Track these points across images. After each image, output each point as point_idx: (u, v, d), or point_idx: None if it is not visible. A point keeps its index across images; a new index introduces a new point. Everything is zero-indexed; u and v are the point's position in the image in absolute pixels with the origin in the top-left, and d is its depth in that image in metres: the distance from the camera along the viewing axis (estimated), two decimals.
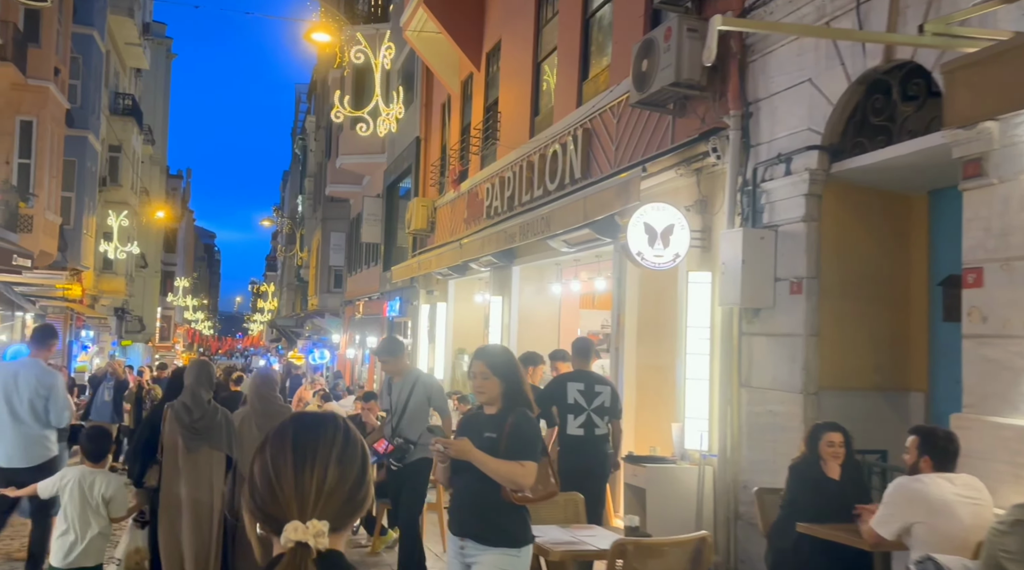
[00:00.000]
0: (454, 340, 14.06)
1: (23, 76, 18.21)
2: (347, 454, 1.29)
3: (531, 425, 3.24)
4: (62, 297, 21.60)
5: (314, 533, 1.19)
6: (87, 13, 23.32)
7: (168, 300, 46.18)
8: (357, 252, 24.33)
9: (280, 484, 1.24)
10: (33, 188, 18.83)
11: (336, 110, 12.57)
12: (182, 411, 4.76)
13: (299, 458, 1.26)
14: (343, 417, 1.40)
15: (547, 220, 7.56)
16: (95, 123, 24.70)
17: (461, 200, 13.13)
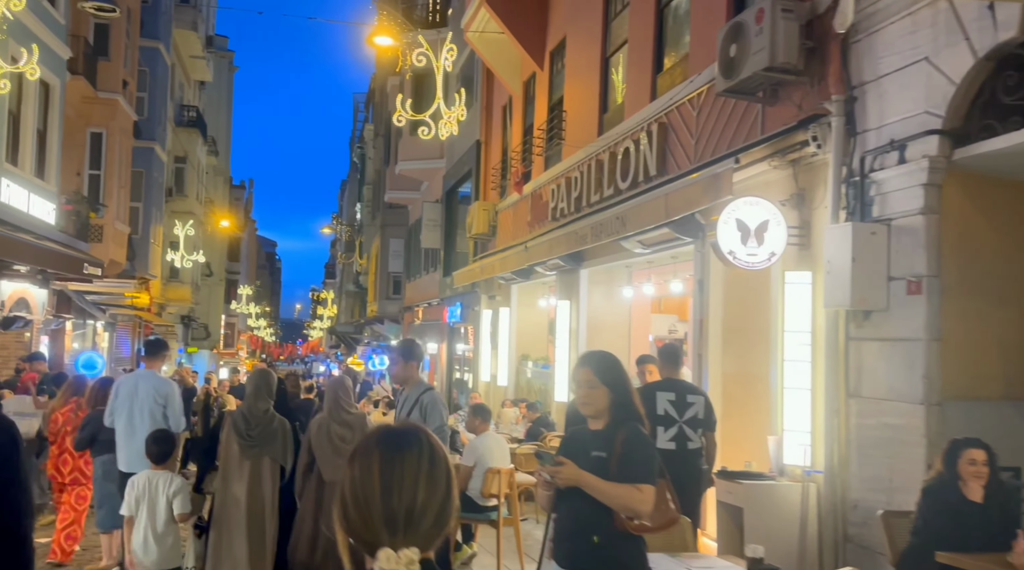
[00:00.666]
0: (517, 346, 13.74)
1: (93, 89, 18.66)
2: (434, 474, 1.26)
3: (645, 442, 2.86)
4: (130, 305, 22.10)
5: (406, 562, 1.17)
6: (153, 27, 23.89)
7: (232, 308, 47.14)
8: (416, 258, 24.26)
9: (369, 509, 1.22)
10: (103, 199, 19.27)
11: (398, 114, 12.37)
12: (239, 420, 4.78)
13: (386, 482, 1.22)
14: (427, 431, 1.34)
15: (622, 220, 7.16)
16: (161, 134, 25.26)
17: (524, 203, 12.81)
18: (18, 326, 13.80)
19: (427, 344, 22.08)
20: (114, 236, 19.64)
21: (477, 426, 6.23)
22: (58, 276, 14.48)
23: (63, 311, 17.55)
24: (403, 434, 1.30)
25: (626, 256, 8.71)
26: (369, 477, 1.23)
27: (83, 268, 13.51)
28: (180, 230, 27.69)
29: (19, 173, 12.65)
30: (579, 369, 2.94)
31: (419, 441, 1.29)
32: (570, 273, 10.47)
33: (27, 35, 12.25)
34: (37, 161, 13.74)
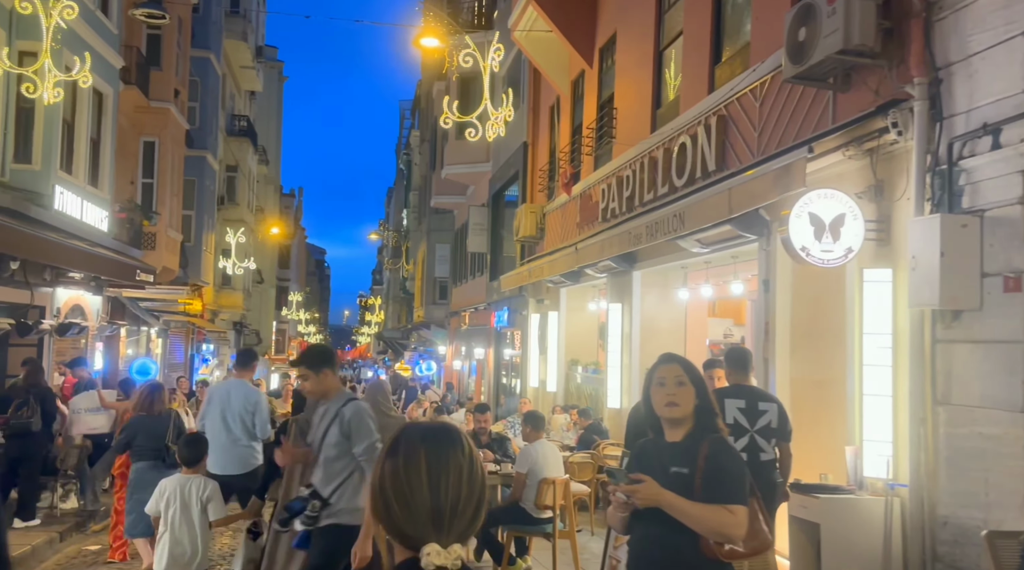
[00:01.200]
0: (567, 351, 13.43)
1: (146, 99, 18.99)
2: (474, 471, 1.29)
3: (734, 456, 2.55)
4: (183, 312, 22.42)
5: (454, 557, 1.21)
6: (204, 37, 24.29)
7: (283, 314, 47.81)
8: (462, 263, 24.14)
9: (416, 503, 1.24)
10: (156, 207, 19.57)
11: (444, 116, 12.20)
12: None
13: (434, 477, 1.25)
14: (461, 430, 1.36)
15: (681, 217, 6.82)
16: (213, 143, 25.65)
17: (573, 204, 12.51)
18: (73, 333, 13.99)
19: (474, 349, 21.92)
20: (167, 243, 19.93)
21: (529, 434, 5.95)
22: (111, 283, 14.68)
23: (117, 318, 17.84)
24: (445, 433, 1.33)
25: (683, 256, 8.35)
26: (417, 473, 1.25)
27: (135, 275, 13.65)
28: (232, 238, 28.11)
29: (73, 181, 12.85)
30: (665, 366, 2.64)
31: (461, 440, 1.33)
32: (622, 275, 10.13)
33: (80, 45, 12.43)
34: (91, 169, 13.95)
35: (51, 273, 13.15)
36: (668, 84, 9.41)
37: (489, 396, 19.62)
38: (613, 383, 10.27)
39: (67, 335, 13.80)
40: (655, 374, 2.67)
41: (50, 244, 10.18)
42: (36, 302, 12.81)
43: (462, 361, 24.39)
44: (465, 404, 15.83)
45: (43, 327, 12.63)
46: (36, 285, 12.70)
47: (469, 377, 23.54)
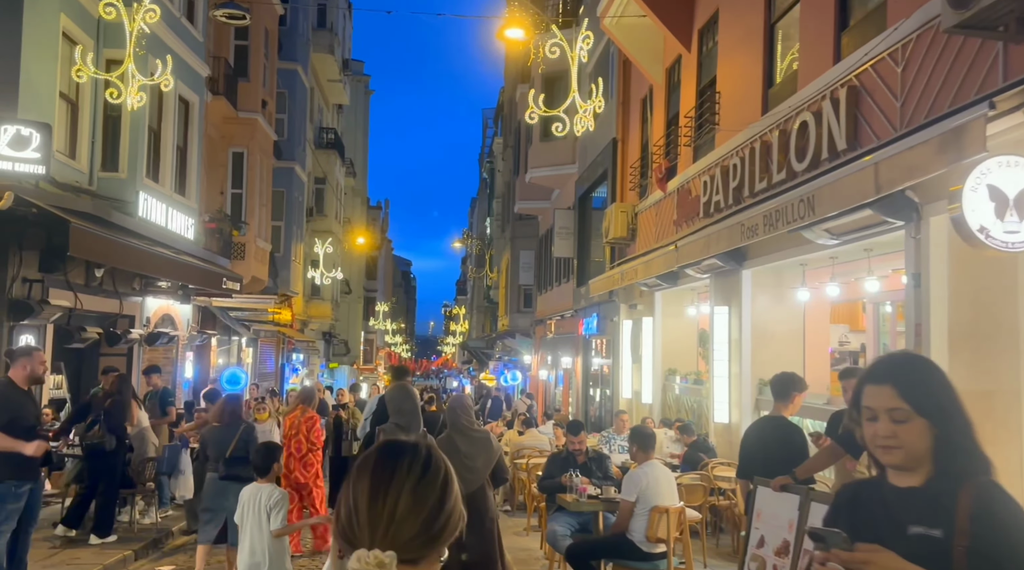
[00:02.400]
0: (663, 359, 12.46)
1: (234, 109, 19.15)
2: (423, 484, 1.26)
3: (1015, 511, 1.67)
4: (273, 321, 22.55)
5: (375, 562, 1.17)
6: (291, 49, 24.55)
7: (370, 324, 48.30)
8: (547, 269, 23.43)
9: (357, 511, 1.25)
10: (245, 217, 19.68)
11: (530, 110, 11.51)
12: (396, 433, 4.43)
13: (374, 487, 1.26)
14: (429, 446, 1.33)
15: (810, 202, 5.85)
16: (301, 155, 25.88)
17: (669, 201, 11.59)
18: (162, 342, 13.99)
19: (560, 358, 21.12)
20: (256, 253, 20.03)
21: (637, 454, 5.12)
22: (199, 291, 14.65)
23: (207, 327, 17.95)
24: (400, 447, 1.32)
25: (804, 250, 7.35)
26: (361, 482, 1.27)
27: (222, 283, 13.52)
28: (320, 248, 28.32)
29: (159, 189, 12.82)
30: (873, 389, 1.75)
31: (414, 453, 1.30)
32: (729, 275, 9.15)
33: (164, 50, 12.40)
34: (177, 177, 13.96)
35: (140, 282, 13.18)
36: (782, 60, 8.42)
37: (577, 407, 18.76)
38: (720, 395, 9.28)
39: (156, 344, 13.80)
40: (861, 398, 1.79)
41: (134, 250, 10.02)
42: (125, 311, 12.84)
43: (548, 370, 23.62)
44: (553, 416, 15.04)
45: (132, 336, 12.61)
46: (125, 294, 12.73)
47: (555, 387, 22.74)
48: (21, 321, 9.55)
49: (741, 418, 8.84)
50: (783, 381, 4.60)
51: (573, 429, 6.33)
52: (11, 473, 5.51)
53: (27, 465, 5.63)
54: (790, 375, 4.83)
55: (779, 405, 4.55)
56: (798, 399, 4.60)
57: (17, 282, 9.62)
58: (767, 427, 4.47)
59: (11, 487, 5.51)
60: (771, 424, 4.48)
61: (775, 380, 4.68)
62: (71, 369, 13.40)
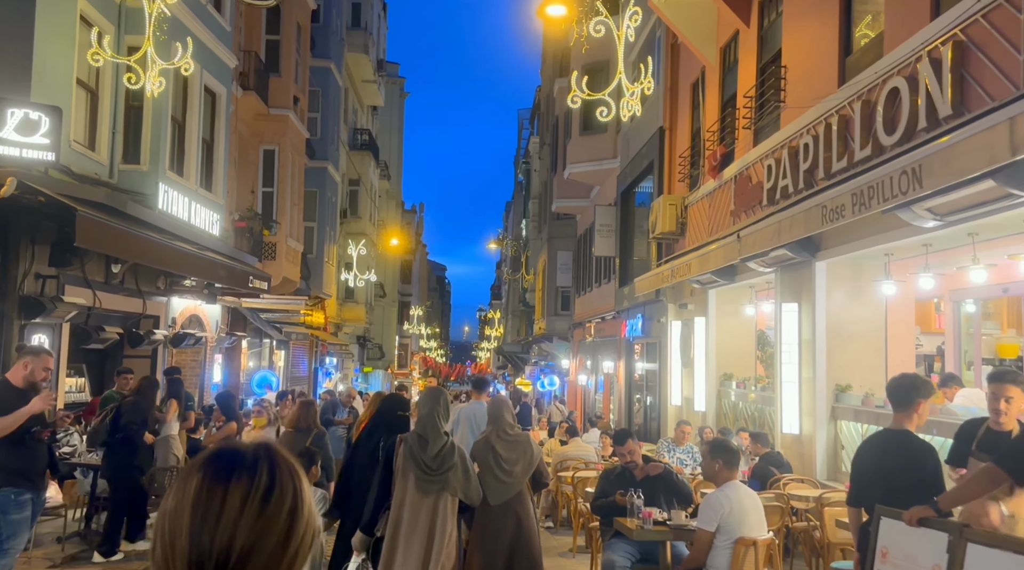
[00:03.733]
0: (717, 363, 11.50)
1: (265, 106, 18.64)
2: (268, 511, 0.95)
3: None
4: (305, 324, 22.01)
5: None
6: (324, 47, 24.07)
7: (404, 329, 47.84)
8: (586, 270, 22.55)
9: (174, 547, 0.93)
10: (276, 216, 19.14)
11: (572, 94, 10.68)
12: (416, 446, 4.03)
13: (198, 515, 0.94)
14: (274, 453, 1.00)
15: (916, 174, 4.92)
16: (334, 154, 25.39)
17: (724, 190, 10.65)
18: (188, 344, 13.42)
19: (601, 362, 20.20)
20: (287, 254, 19.47)
21: (720, 472, 4.22)
22: (226, 291, 14.08)
23: (237, 329, 17.43)
24: (236, 457, 0.99)
25: (893, 236, 6.40)
26: (182, 505, 0.96)
27: (248, 281, 12.91)
28: (353, 250, 27.81)
29: (184, 182, 12.25)
30: None
31: (255, 467, 0.98)
32: (799, 267, 8.20)
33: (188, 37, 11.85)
34: (203, 171, 13.40)
35: (164, 281, 12.63)
36: (860, 24, 7.46)
37: (619, 415, 17.81)
38: (789, 403, 8.31)
39: (182, 346, 13.24)
40: None
41: (151, 244, 9.40)
42: (149, 311, 12.29)
43: (587, 375, 22.69)
44: (597, 423, 14.15)
45: (156, 338, 12.04)
46: (149, 294, 12.17)
47: (596, 393, 21.79)
48: (33, 319, 8.98)
49: (814, 428, 7.87)
50: (905, 385, 3.69)
51: (619, 438, 5.41)
52: (7, 479, 4.92)
53: (27, 471, 5.05)
54: (912, 377, 3.91)
55: (901, 416, 3.64)
56: (924, 408, 3.67)
57: (29, 277, 9.06)
58: (888, 444, 3.56)
59: (10, 495, 4.94)
60: (893, 440, 3.57)
61: (894, 384, 3.77)
62: (93, 372, 12.91)
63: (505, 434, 4.72)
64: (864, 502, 3.57)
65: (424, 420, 4.11)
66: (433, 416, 4.12)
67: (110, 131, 11.06)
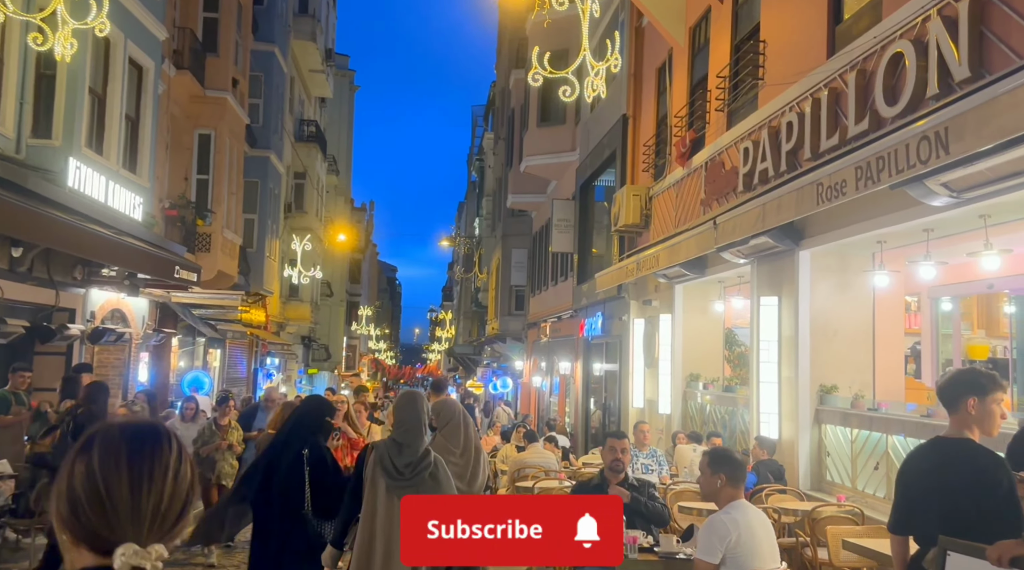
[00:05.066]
0: (683, 363, 10.83)
1: (201, 87, 17.42)
2: (181, 471, 1.21)
3: None
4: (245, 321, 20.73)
5: (155, 557, 1.13)
6: (268, 30, 22.86)
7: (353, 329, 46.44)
8: (541, 268, 21.81)
9: (113, 504, 1.14)
10: (211, 205, 17.90)
11: (533, 71, 9.88)
12: (390, 451, 3.71)
13: (136, 476, 1.16)
14: (173, 431, 1.26)
15: (941, 139, 4.24)
16: (278, 144, 24.14)
17: (693, 178, 9.99)
18: (109, 340, 12.20)
19: (557, 363, 19.46)
20: (224, 246, 18.23)
21: (722, 490, 3.43)
22: (150, 282, 12.88)
23: (167, 325, 16.15)
24: (150, 430, 1.23)
25: (888, 221, 5.77)
26: (115, 470, 1.16)
27: (174, 272, 11.76)
28: (298, 245, 26.56)
29: (102, 161, 11.06)
30: None
31: (168, 438, 1.23)
32: (780, 257, 7.54)
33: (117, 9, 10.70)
34: (127, 151, 12.21)
35: (82, 270, 11.41)
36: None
37: (576, 417, 17.09)
38: (766, 405, 7.63)
39: (101, 342, 12.02)
40: None
41: (59, 225, 8.27)
42: (63, 304, 11.06)
43: (542, 377, 21.93)
44: (554, 427, 13.36)
45: (70, 332, 10.82)
46: (63, 284, 10.95)
47: (551, 395, 21.03)
48: None
49: (796, 434, 7.21)
50: (952, 381, 2.92)
51: (617, 435, 4.48)
52: None
53: None
54: (963, 372, 3.17)
55: (955, 420, 2.88)
56: (981, 409, 2.88)
57: None
58: (946, 456, 2.79)
59: None
60: (952, 452, 2.79)
61: (941, 382, 3.01)
62: None
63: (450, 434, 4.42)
64: (914, 529, 2.83)
65: (407, 424, 3.77)
66: (419, 422, 3.80)
67: (17, 101, 9.86)
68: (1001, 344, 10.49)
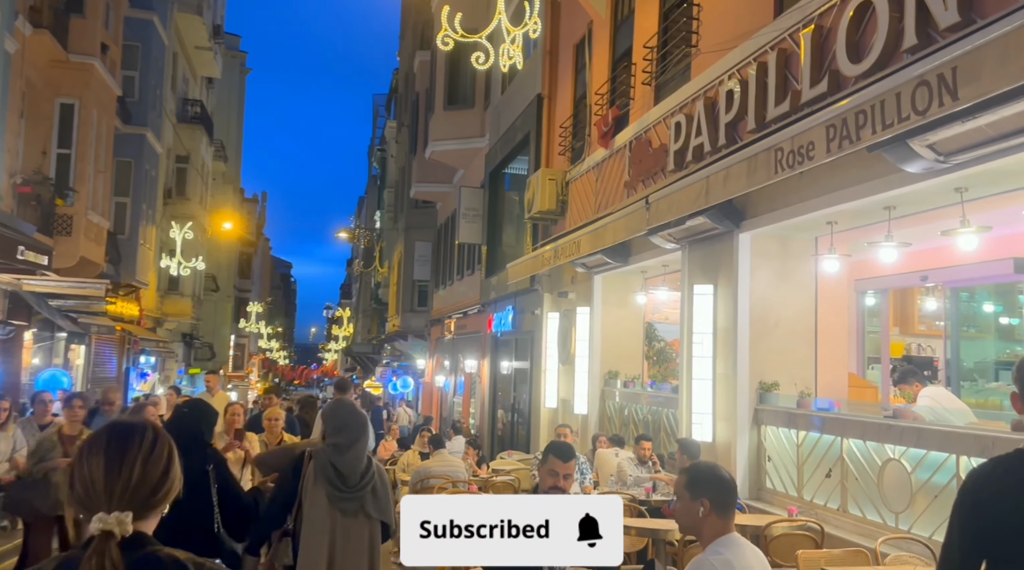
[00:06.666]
0: (602, 359, 10.05)
1: (64, 51, 15.41)
2: (152, 457, 1.54)
3: None
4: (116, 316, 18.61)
5: (116, 522, 1.44)
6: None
7: (240, 326, 43.76)
8: (447, 262, 20.75)
9: (93, 482, 1.48)
10: (73, 183, 15.87)
11: (443, 33, 8.85)
12: (332, 459, 3.42)
13: (110, 462, 1.50)
14: (154, 426, 1.62)
15: (947, 82, 3.51)
16: (156, 121, 22.00)
17: (616, 159, 9.22)
18: None
19: (462, 362, 18.46)
20: (88, 229, 16.21)
21: (705, 520, 2.46)
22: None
23: (18, 317, 14.08)
24: (130, 427, 1.58)
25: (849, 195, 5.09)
26: (97, 458, 1.50)
27: (16, 252, 10.02)
28: (177, 233, 24.37)
29: None
30: None
31: (142, 433, 1.57)
32: (716, 241, 6.81)
33: None
34: None
35: None
36: None
37: (482, 418, 16.14)
38: (700, 404, 6.88)
39: None
40: None
41: None
42: None
43: (446, 376, 20.86)
44: (460, 429, 12.35)
45: None
46: None
47: (455, 395, 19.98)
48: None
49: (733, 436, 6.49)
50: None
51: (565, 453, 3.42)
52: None
53: None
54: None
55: None
56: None
57: None
58: None
59: None
60: None
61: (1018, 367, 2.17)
62: None
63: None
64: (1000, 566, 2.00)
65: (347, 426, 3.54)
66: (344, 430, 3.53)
67: None
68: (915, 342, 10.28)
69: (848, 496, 5.33)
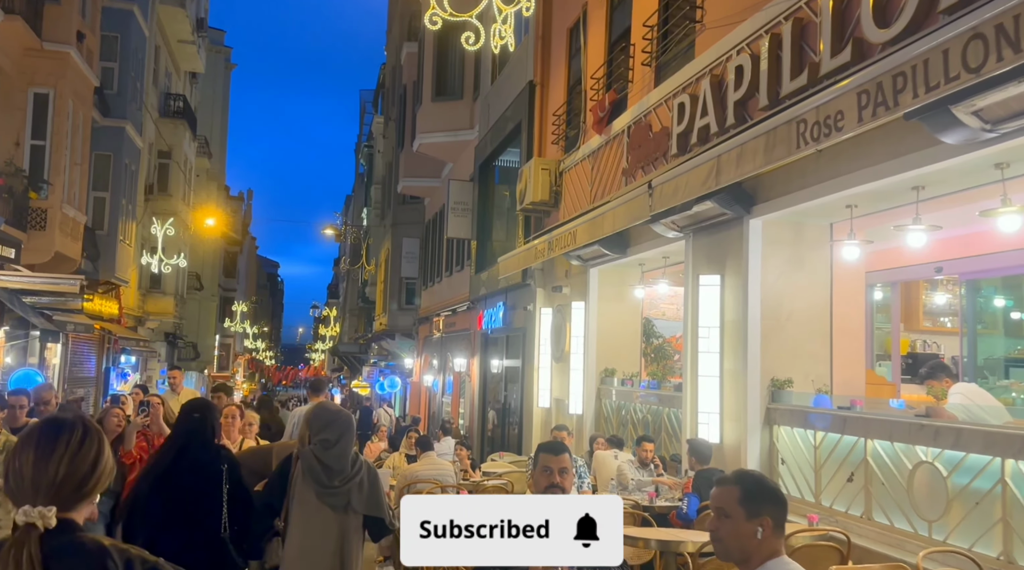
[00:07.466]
0: (598, 356, 9.60)
1: (38, 39, 14.82)
2: (81, 452, 1.60)
3: None
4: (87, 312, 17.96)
5: (39, 515, 1.50)
6: None
7: (225, 325, 43.04)
8: (435, 258, 20.25)
9: (23, 477, 1.56)
10: (48, 176, 15.28)
11: (431, 11, 8.38)
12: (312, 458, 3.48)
13: (38, 457, 1.57)
14: (84, 420, 1.68)
15: (1008, 31, 3.07)
16: (136, 115, 21.38)
17: (613, 146, 8.78)
18: None
19: (451, 360, 17.97)
20: (64, 224, 15.63)
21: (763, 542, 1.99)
22: None
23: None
24: (61, 424, 1.64)
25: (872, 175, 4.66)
26: (27, 452, 1.57)
27: None
28: (158, 229, 23.73)
29: None
30: None
31: (71, 429, 1.63)
32: (724, 228, 6.37)
33: None
34: None
35: None
36: None
37: (471, 419, 15.65)
38: (706, 403, 6.44)
39: None
40: None
41: None
42: None
43: (434, 375, 20.35)
44: (449, 430, 11.86)
45: None
46: None
47: (443, 395, 19.47)
48: None
49: (743, 436, 6.05)
50: None
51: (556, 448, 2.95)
52: None
53: None
54: None
55: None
56: None
57: None
58: None
59: None
60: None
61: None
62: None
63: None
64: None
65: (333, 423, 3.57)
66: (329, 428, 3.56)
67: None
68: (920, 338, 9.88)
69: (873, 502, 4.90)
